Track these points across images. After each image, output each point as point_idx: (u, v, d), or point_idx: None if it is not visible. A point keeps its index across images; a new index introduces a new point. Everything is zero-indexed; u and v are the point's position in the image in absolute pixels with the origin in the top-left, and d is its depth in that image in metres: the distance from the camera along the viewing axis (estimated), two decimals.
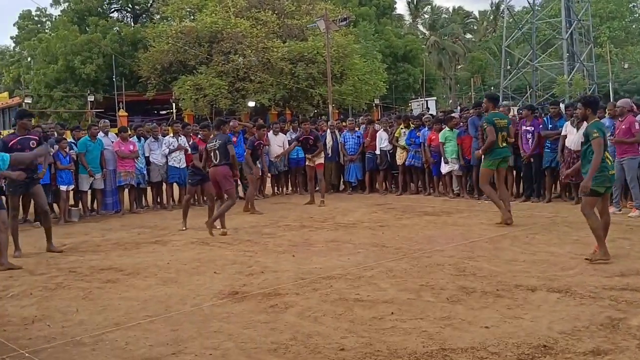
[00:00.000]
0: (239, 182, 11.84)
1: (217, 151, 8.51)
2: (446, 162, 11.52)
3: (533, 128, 10.42)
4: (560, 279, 5.31)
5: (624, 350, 3.68)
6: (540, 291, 5.00)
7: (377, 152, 12.77)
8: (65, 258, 7.40)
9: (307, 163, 12.26)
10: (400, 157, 12.38)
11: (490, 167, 8.56)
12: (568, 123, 9.91)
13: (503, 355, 3.68)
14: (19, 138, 7.55)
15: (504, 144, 8.51)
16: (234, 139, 12.65)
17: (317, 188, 12.20)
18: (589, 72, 51.91)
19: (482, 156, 8.62)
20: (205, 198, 12.19)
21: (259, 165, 11.55)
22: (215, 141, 8.62)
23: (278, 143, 13.30)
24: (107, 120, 12.74)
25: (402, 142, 12.34)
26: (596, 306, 4.54)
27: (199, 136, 11.02)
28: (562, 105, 12.09)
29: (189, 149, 10.61)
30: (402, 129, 12.56)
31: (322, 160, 11.97)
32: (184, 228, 9.15)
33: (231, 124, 13.38)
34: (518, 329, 4.11)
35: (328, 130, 13.53)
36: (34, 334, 4.44)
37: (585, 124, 9.47)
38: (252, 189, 11.33)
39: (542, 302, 4.71)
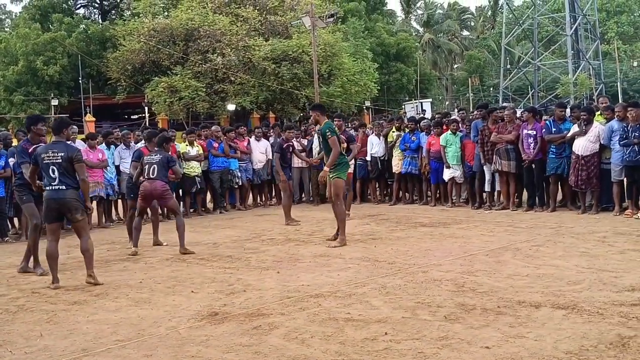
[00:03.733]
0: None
1: (155, 165, 8.43)
2: (447, 167, 11.58)
3: (535, 132, 10.53)
4: (566, 295, 5.36)
5: None
6: (544, 308, 5.04)
7: (368, 158, 12.81)
8: (27, 278, 7.35)
9: None
10: (397, 165, 12.40)
11: (344, 178, 8.81)
12: (575, 126, 10.04)
13: None
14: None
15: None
16: (215, 144, 12.66)
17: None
18: (595, 71, 52.57)
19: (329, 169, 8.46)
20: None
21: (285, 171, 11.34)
22: (156, 155, 8.56)
23: (260, 150, 13.33)
24: (74, 127, 12.62)
25: (397, 147, 12.40)
26: (605, 323, 4.58)
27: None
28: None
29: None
30: (393, 132, 12.63)
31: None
32: (134, 247, 8.64)
33: (213, 128, 13.33)
34: (521, 349, 4.14)
35: (315, 135, 13.57)
36: None
37: (593, 125, 9.66)
38: (286, 198, 10.94)
39: (547, 319, 4.75)
